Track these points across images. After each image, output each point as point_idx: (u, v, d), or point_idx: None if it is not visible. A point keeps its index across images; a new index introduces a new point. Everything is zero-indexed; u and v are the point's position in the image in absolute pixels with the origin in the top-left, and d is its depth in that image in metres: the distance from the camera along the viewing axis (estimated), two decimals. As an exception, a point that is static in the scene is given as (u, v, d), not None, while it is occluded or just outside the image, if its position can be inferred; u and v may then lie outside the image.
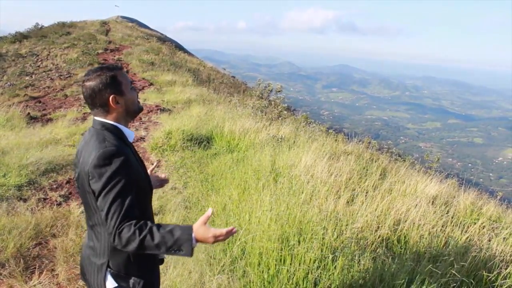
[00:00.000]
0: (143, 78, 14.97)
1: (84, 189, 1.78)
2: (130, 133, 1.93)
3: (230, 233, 1.66)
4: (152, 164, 2.55)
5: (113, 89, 1.80)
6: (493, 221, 4.55)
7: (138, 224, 1.62)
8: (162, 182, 2.39)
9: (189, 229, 1.64)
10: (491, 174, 75.63)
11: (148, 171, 2.18)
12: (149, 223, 1.64)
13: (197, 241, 1.64)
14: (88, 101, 1.82)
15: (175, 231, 1.62)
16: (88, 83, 1.78)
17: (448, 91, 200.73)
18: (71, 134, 8.26)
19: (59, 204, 5.14)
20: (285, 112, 10.03)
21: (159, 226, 1.64)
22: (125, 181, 1.68)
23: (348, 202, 4.45)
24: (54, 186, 5.70)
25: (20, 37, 24.87)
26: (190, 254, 1.62)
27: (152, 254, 1.89)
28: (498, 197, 5.63)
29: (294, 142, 6.91)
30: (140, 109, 1.97)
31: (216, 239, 1.65)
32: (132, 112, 1.92)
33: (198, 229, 1.64)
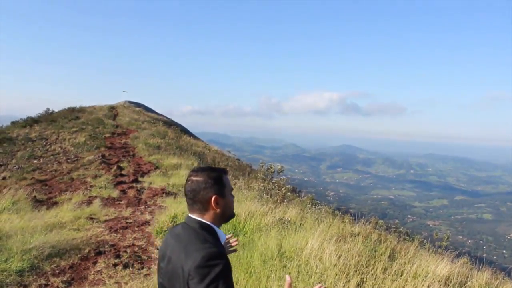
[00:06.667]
0: (149, 162, 15.12)
1: (175, 286, 1.77)
2: (223, 235, 1.93)
3: None
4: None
5: (217, 189, 1.83)
6: (511, 303, 4.37)
7: None
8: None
9: None
10: (504, 251, 73.49)
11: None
12: None
13: None
14: (190, 195, 1.85)
15: None
16: (195, 178, 1.83)
17: (452, 167, 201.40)
18: (76, 218, 8.22)
19: (61, 292, 5.00)
20: (289, 193, 10.02)
21: None
22: (226, 284, 1.67)
23: (358, 286, 4.32)
24: (57, 271, 5.58)
25: (31, 122, 25.75)
26: None
27: None
28: (514, 276, 5.44)
29: (300, 224, 6.84)
30: (233, 216, 1.97)
31: None
32: (227, 216, 1.93)
33: None
